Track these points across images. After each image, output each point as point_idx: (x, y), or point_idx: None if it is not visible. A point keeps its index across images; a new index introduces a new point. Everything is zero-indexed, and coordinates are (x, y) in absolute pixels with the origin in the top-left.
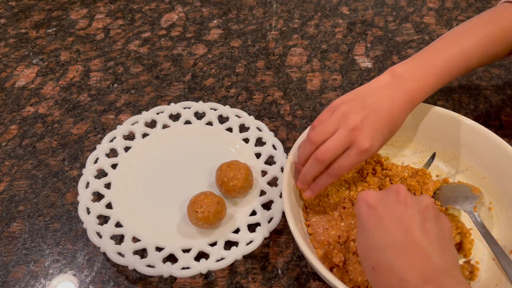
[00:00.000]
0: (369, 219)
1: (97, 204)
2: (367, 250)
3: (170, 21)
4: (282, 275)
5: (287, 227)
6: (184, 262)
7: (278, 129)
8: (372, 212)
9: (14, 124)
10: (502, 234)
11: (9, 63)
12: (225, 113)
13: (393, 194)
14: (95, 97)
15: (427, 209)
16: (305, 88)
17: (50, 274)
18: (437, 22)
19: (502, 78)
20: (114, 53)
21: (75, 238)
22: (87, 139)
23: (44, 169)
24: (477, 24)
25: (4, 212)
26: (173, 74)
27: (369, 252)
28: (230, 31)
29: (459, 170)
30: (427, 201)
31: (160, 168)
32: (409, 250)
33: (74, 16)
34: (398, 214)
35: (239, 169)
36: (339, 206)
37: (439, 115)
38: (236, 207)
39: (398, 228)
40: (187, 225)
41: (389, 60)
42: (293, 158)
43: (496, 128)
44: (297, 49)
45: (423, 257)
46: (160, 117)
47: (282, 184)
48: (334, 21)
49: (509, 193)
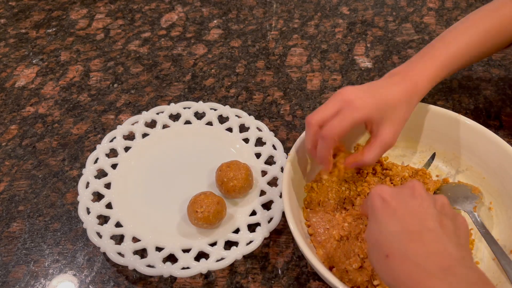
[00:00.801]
0: (383, 211)
1: (97, 204)
2: (380, 239)
3: (170, 21)
4: (282, 275)
5: (287, 227)
6: (184, 262)
7: (278, 129)
8: (386, 205)
9: (14, 124)
10: (502, 234)
11: (9, 63)
12: (225, 113)
13: (408, 189)
14: (95, 97)
15: (444, 206)
16: (305, 88)
17: (50, 274)
18: (437, 22)
19: (502, 78)
20: (114, 53)
21: (75, 238)
22: (87, 139)
23: (44, 169)
24: (476, 19)
25: (4, 212)
26: (173, 74)
27: (382, 240)
28: (230, 31)
29: (459, 170)
30: (443, 199)
31: (160, 168)
32: (424, 237)
33: (74, 16)
34: (413, 207)
35: (239, 169)
36: (339, 207)
37: (439, 115)
38: (236, 207)
39: (412, 218)
40: (187, 225)
41: (389, 60)
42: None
43: (496, 128)
44: (297, 49)
45: (439, 246)
46: (160, 117)
47: (282, 184)
48: (334, 21)
49: (509, 193)
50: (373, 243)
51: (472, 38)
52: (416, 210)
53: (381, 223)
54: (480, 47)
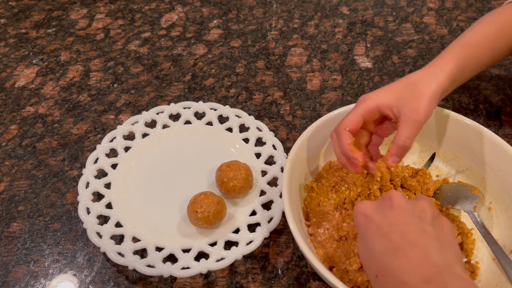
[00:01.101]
0: (367, 229)
1: (97, 204)
2: (369, 259)
3: (170, 21)
4: (282, 275)
5: (287, 227)
6: (184, 262)
7: (278, 129)
8: (369, 222)
9: (14, 124)
10: (502, 234)
11: (9, 63)
12: (225, 113)
13: (387, 201)
14: (95, 97)
15: (423, 211)
16: (305, 88)
17: (50, 274)
18: (437, 22)
19: (502, 78)
20: (114, 53)
21: (75, 238)
22: (87, 139)
23: (44, 169)
24: (483, 24)
25: (4, 212)
26: (173, 74)
27: (371, 261)
28: (230, 31)
29: (459, 170)
30: (422, 203)
31: (160, 168)
32: (407, 252)
33: (74, 16)
34: (393, 219)
35: (239, 169)
36: (339, 207)
37: (439, 115)
38: (236, 207)
39: (394, 232)
40: (187, 225)
41: (389, 60)
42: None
43: (496, 128)
44: (297, 49)
45: (421, 258)
46: (160, 117)
47: (282, 184)
48: (334, 21)
49: (509, 193)
50: (364, 264)
51: (482, 40)
52: (396, 222)
53: (367, 243)
54: (490, 50)
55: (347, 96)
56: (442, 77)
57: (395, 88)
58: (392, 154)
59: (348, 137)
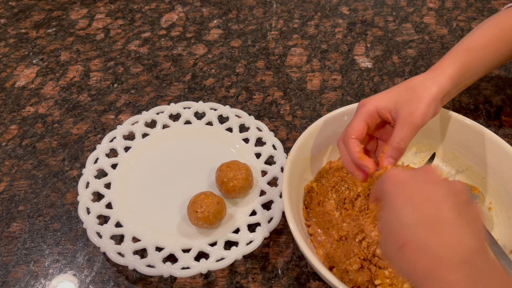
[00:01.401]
0: (398, 196)
1: (97, 204)
2: (394, 228)
3: (170, 21)
4: (282, 275)
5: (287, 227)
6: (184, 262)
7: (278, 129)
8: (401, 190)
9: (14, 124)
10: (502, 234)
11: (9, 63)
12: (225, 113)
13: (424, 173)
14: (95, 97)
15: (460, 193)
16: (305, 88)
17: (50, 274)
18: (437, 22)
19: (502, 78)
20: (114, 53)
21: (75, 238)
22: (87, 139)
23: (44, 169)
24: (484, 28)
25: (4, 212)
26: (173, 74)
27: (397, 230)
28: (230, 31)
29: (459, 170)
30: (459, 185)
31: (160, 168)
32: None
33: (74, 16)
34: (429, 193)
35: (239, 169)
36: (339, 207)
37: (439, 115)
38: (236, 207)
39: (429, 206)
40: (187, 225)
41: (389, 60)
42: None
43: (496, 128)
44: (297, 49)
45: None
46: (160, 117)
47: (282, 184)
48: (334, 21)
49: (509, 193)
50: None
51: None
52: (433, 197)
53: (396, 211)
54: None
55: (347, 96)
56: (443, 80)
57: (394, 92)
58: (387, 156)
59: (356, 145)
